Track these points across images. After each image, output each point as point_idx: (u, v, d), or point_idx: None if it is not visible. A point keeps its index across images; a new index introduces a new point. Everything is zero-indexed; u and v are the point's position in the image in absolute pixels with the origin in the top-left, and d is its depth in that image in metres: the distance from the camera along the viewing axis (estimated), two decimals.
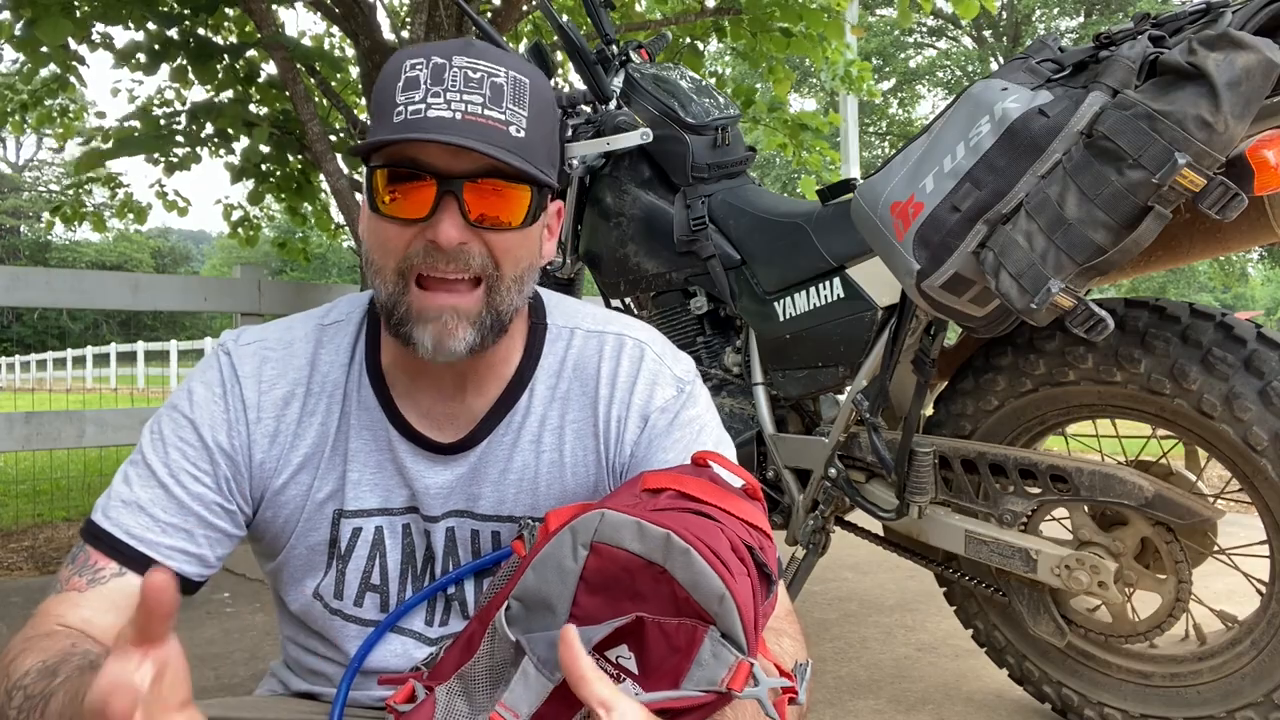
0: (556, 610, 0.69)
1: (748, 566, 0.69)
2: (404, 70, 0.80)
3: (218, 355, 0.91)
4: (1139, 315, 1.42)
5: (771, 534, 0.78)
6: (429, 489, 0.91)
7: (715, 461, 0.82)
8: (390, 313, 0.83)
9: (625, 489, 0.79)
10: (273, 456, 0.90)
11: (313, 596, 0.93)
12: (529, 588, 0.70)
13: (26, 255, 35.98)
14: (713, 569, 0.65)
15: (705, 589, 0.65)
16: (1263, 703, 1.39)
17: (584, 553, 0.69)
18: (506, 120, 0.80)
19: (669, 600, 0.66)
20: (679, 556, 0.66)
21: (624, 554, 0.67)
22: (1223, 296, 25.75)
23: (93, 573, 0.82)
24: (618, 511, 0.69)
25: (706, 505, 0.73)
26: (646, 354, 0.95)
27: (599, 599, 0.68)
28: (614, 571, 0.68)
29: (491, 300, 0.83)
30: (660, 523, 0.68)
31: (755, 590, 0.69)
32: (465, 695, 0.69)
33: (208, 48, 4.08)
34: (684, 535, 0.66)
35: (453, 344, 0.81)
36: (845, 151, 6.25)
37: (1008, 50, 20.57)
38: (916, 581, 2.76)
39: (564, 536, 0.70)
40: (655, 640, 0.65)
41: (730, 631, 0.64)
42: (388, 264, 0.82)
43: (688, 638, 0.64)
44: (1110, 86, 1.19)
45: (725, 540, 0.69)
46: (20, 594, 2.79)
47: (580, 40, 2.09)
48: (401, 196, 0.80)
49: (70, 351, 24.86)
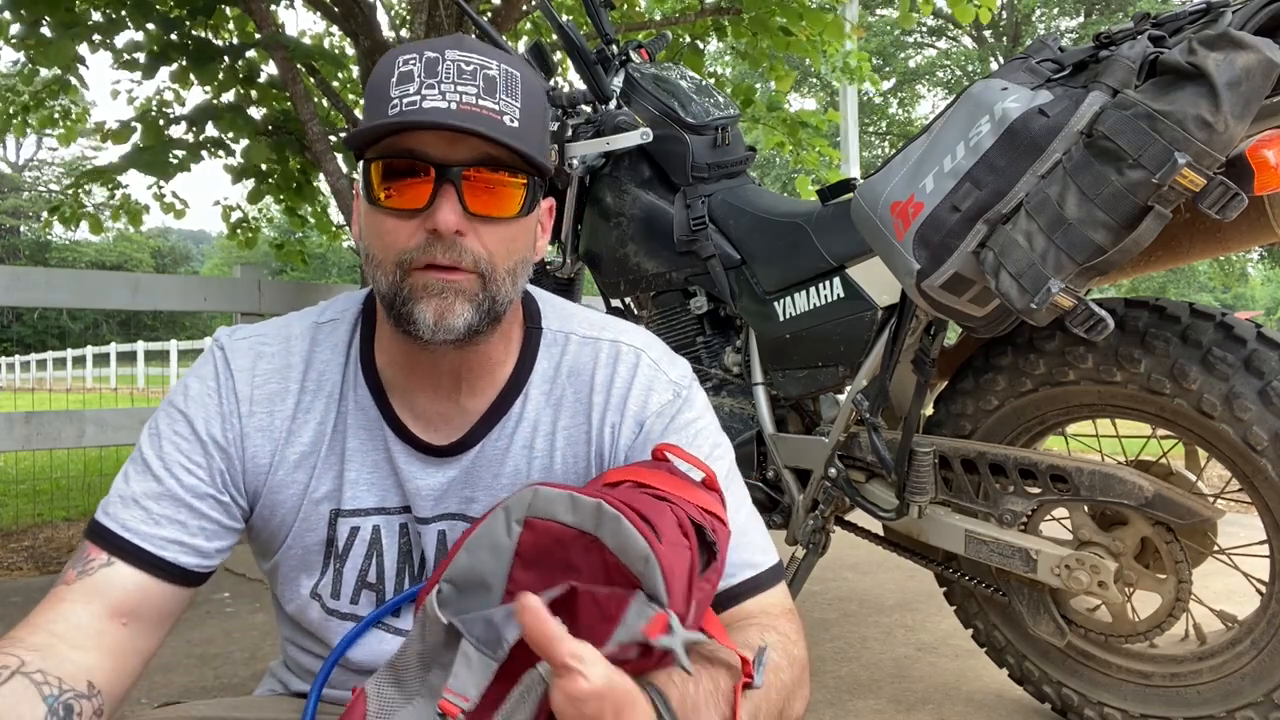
0: (492, 588, 0.69)
1: (690, 541, 0.71)
2: (397, 65, 0.81)
3: (213, 350, 0.92)
4: (1139, 315, 1.42)
5: (727, 522, 0.80)
6: (420, 490, 0.91)
7: (674, 454, 0.83)
8: (392, 300, 0.83)
9: (589, 485, 0.80)
10: (266, 451, 0.90)
11: (310, 596, 0.93)
12: (460, 568, 0.70)
13: (26, 255, 35.98)
14: (639, 531, 0.66)
15: (631, 551, 0.66)
16: (1263, 703, 1.39)
17: (518, 529, 0.70)
18: (501, 110, 0.80)
19: (600, 568, 0.68)
20: (609, 523, 0.67)
21: (557, 526, 0.69)
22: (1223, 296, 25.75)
23: (83, 564, 0.82)
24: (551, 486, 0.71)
25: (661, 490, 0.75)
26: (642, 360, 0.95)
27: (533, 574, 0.69)
28: (547, 544, 0.69)
29: (487, 288, 0.83)
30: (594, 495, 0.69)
31: (693, 563, 0.70)
32: (396, 683, 0.69)
33: (207, 49, 4.08)
34: (613, 503, 0.68)
35: (452, 319, 0.81)
36: (845, 151, 6.25)
37: (1008, 50, 20.56)
38: (916, 581, 2.76)
39: (497, 515, 0.71)
40: (587, 609, 0.66)
41: (654, 592, 0.66)
42: (388, 257, 0.82)
43: (618, 605, 0.65)
44: (1110, 86, 1.19)
45: (672, 517, 0.71)
46: (20, 594, 2.79)
47: (580, 40, 2.09)
48: (399, 188, 0.81)
49: (70, 351, 24.86)
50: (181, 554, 0.85)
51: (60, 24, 3.69)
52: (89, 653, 0.78)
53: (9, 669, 0.73)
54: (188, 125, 4.27)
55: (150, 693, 1.94)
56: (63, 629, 0.78)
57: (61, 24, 3.69)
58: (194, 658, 2.18)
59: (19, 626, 0.79)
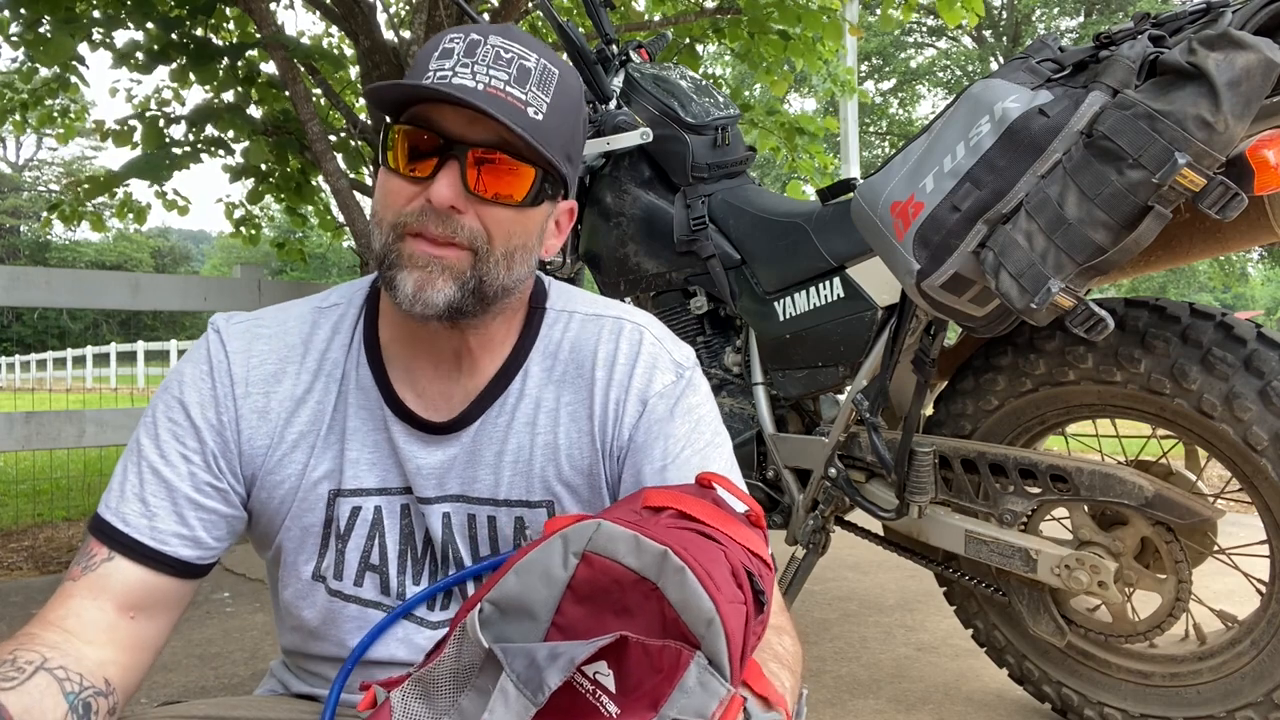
0: (538, 617, 0.67)
1: (745, 594, 0.68)
2: (443, 42, 0.83)
3: (208, 335, 0.92)
4: (1139, 315, 1.42)
5: (772, 565, 0.77)
6: (421, 469, 0.91)
7: (719, 484, 0.81)
8: (381, 260, 0.84)
9: (625, 503, 0.78)
10: (263, 433, 0.90)
11: (313, 578, 0.93)
12: (509, 592, 0.67)
13: (26, 255, 35.98)
14: (705, 590, 0.63)
15: (695, 610, 0.63)
16: (1263, 702, 1.39)
17: (575, 561, 0.67)
18: (527, 101, 0.81)
19: (657, 618, 0.64)
20: (673, 575, 0.64)
21: (617, 567, 0.66)
22: (1223, 296, 25.75)
23: (87, 560, 0.83)
24: (615, 523, 0.68)
25: (709, 528, 0.72)
26: (645, 338, 0.95)
27: (584, 610, 0.66)
28: (604, 583, 0.66)
29: (477, 268, 0.83)
30: (659, 539, 0.66)
31: (749, 618, 0.67)
32: (424, 698, 0.66)
33: (207, 49, 4.08)
34: (681, 554, 0.65)
35: (432, 293, 0.81)
36: (845, 152, 6.25)
37: (1008, 50, 20.57)
38: (916, 581, 2.76)
39: (554, 543, 0.68)
40: (637, 660, 0.63)
41: (715, 658, 0.62)
42: (385, 217, 0.84)
43: (672, 661, 0.62)
44: (1110, 86, 1.19)
45: (726, 564, 0.67)
46: (20, 594, 2.79)
47: (580, 40, 2.09)
48: (410, 155, 0.82)
49: (70, 351, 24.87)
50: (182, 547, 0.85)
51: (60, 22, 3.69)
52: (103, 648, 0.79)
53: (33, 664, 0.73)
54: (188, 126, 4.27)
55: (150, 693, 1.94)
56: (75, 624, 0.79)
57: (61, 22, 3.70)
58: (194, 658, 2.18)
59: (32, 622, 0.79)
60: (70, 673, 0.74)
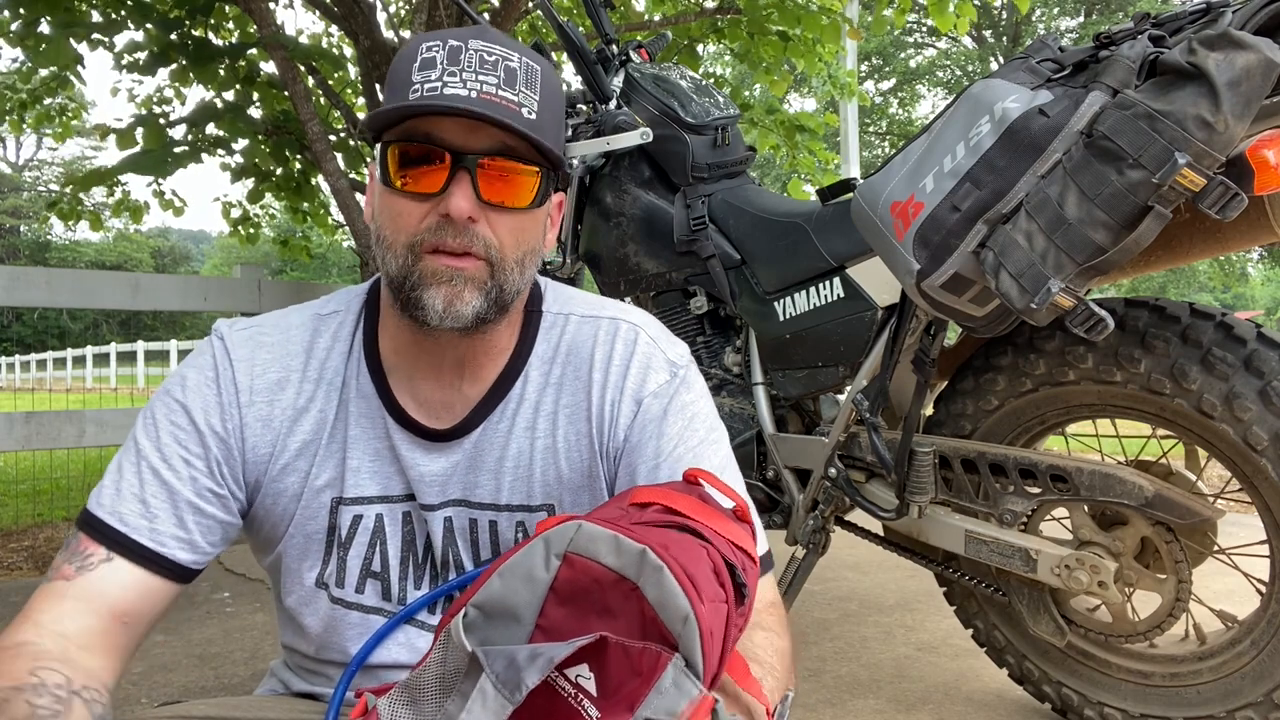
0: (522, 620, 0.67)
1: (726, 590, 0.68)
2: (420, 52, 0.82)
3: (211, 341, 0.92)
4: (1139, 315, 1.42)
5: (757, 559, 0.78)
6: (423, 477, 0.91)
7: (706, 480, 0.82)
8: (400, 284, 0.83)
9: (614, 501, 0.79)
10: (266, 441, 0.90)
11: (316, 585, 0.93)
12: (493, 595, 0.68)
13: (26, 255, 35.97)
14: (682, 589, 0.64)
15: (671, 609, 0.64)
16: (1263, 702, 1.39)
17: (556, 562, 0.67)
18: (519, 102, 0.81)
19: (637, 618, 0.65)
20: (651, 574, 0.65)
21: (598, 567, 0.66)
22: (1223, 296, 25.75)
23: (82, 559, 0.82)
24: (595, 523, 0.68)
25: (694, 521, 0.72)
26: (640, 337, 0.95)
27: (566, 611, 0.66)
28: (585, 584, 0.66)
29: (495, 276, 0.84)
30: (639, 538, 0.66)
31: (730, 614, 0.68)
32: (411, 704, 0.67)
33: (207, 49, 4.09)
34: (660, 553, 0.65)
35: (461, 307, 0.82)
36: (845, 152, 6.24)
37: (1008, 50, 20.56)
38: (916, 581, 2.76)
39: (536, 545, 0.68)
40: (617, 661, 0.63)
41: (689, 655, 0.63)
42: (399, 239, 0.83)
43: (651, 663, 0.63)
44: (1110, 86, 1.19)
45: (707, 561, 0.68)
46: (20, 594, 2.79)
47: (580, 40, 2.09)
48: (416, 172, 0.81)
49: (70, 351, 24.87)
50: (180, 549, 0.85)
51: (59, 23, 3.69)
52: (99, 656, 0.78)
53: (63, 688, 0.72)
54: (188, 126, 4.27)
55: (150, 693, 1.94)
56: (72, 630, 0.78)
57: (61, 23, 3.70)
58: (194, 658, 2.18)
59: (23, 626, 0.77)
60: (96, 693, 0.74)
